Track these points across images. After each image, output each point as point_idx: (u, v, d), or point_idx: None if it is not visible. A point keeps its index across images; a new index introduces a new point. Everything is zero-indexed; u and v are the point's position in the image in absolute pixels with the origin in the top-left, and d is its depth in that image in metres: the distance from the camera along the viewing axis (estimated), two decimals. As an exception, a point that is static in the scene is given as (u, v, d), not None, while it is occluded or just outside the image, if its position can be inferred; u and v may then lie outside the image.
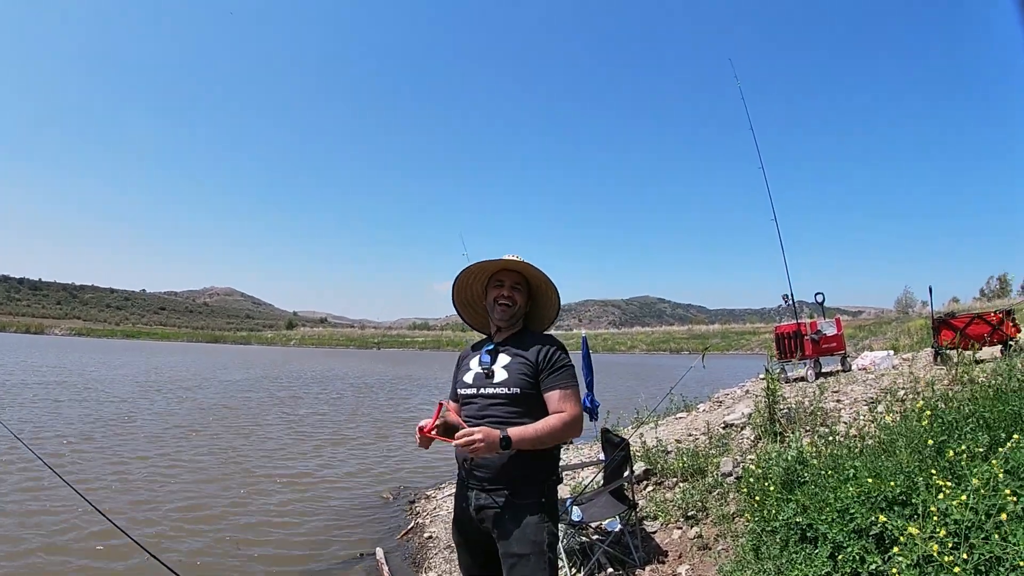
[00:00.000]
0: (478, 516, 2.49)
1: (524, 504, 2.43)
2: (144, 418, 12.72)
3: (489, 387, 2.55)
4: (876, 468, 3.72)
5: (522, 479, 2.45)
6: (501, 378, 2.55)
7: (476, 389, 2.59)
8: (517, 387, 2.50)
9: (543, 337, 2.68)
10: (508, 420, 2.46)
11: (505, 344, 2.66)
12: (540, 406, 2.53)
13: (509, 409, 2.49)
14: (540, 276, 2.68)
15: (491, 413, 2.51)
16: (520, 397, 2.50)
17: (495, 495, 2.46)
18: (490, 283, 2.73)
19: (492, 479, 2.47)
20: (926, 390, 5.78)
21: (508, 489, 2.45)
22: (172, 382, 20.77)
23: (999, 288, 56.26)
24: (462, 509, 2.59)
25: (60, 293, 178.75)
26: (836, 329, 9.39)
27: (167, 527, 6.25)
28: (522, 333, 2.71)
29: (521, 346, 2.61)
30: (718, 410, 8.32)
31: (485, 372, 2.59)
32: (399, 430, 12.88)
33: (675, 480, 5.74)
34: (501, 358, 2.61)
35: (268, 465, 9.12)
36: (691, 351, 63.32)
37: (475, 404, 2.58)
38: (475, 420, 2.52)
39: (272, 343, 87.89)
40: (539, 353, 2.56)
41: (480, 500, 2.49)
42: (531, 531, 2.39)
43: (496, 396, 2.52)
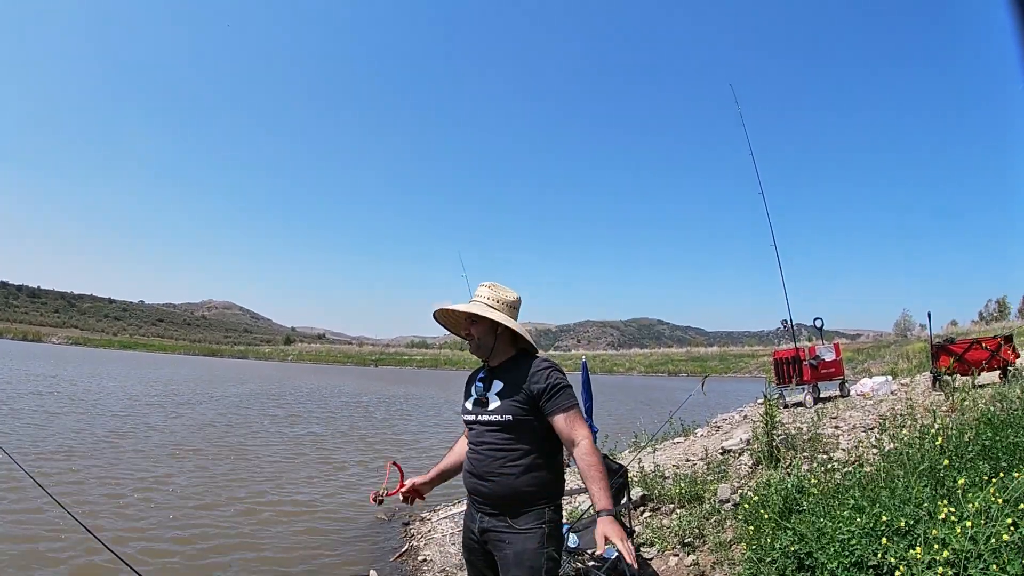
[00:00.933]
0: (482, 538, 2.57)
1: (524, 530, 2.46)
2: (137, 434, 12.58)
3: (484, 414, 2.60)
4: (875, 497, 3.70)
5: (523, 505, 2.49)
6: (495, 405, 2.58)
7: (475, 415, 2.65)
8: (509, 414, 2.53)
9: (537, 361, 2.67)
10: (503, 446, 2.52)
11: (499, 370, 2.69)
12: (533, 431, 2.54)
13: (503, 435, 2.54)
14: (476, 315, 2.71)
15: (487, 439, 2.57)
16: (513, 424, 2.53)
17: (497, 519, 2.52)
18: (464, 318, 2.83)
19: (494, 504, 2.53)
20: (925, 416, 5.76)
21: (509, 514, 2.50)
22: (167, 396, 20.65)
23: (997, 311, 56.45)
24: (469, 528, 2.68)
25: (58, 301, 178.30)
26: (835, 354, 9.40)
27: (157, 547, 6.17)
28: (517, 358, 2.72)
29: (515, 372, 2.63)
30: (716, 435, 8.30)
31: (480, 399, 2.65)
32: (394, 450, 12.82)
33: (672, 506, 5.71)
34: (495, 384, 2.64)
35: (261, 484, 9.03)
36: (689, 374, 63.31)
37: (474, 430, 2.66)
38: (474, 446, 2.62)
39: (269, 358, 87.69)
40: (533, 378, 2.56)
41: (484, 523, 2.56)
42: (530, 557, 2.41)
43: (491, 423, 2.57)
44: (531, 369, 2.61)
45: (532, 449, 2.53)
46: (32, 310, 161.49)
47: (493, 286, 2.80)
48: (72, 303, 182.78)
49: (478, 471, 2.57)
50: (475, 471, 2.59)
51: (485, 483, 2.53)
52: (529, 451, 2.52)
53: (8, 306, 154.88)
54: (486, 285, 2.81)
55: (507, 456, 2.51)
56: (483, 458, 2.56)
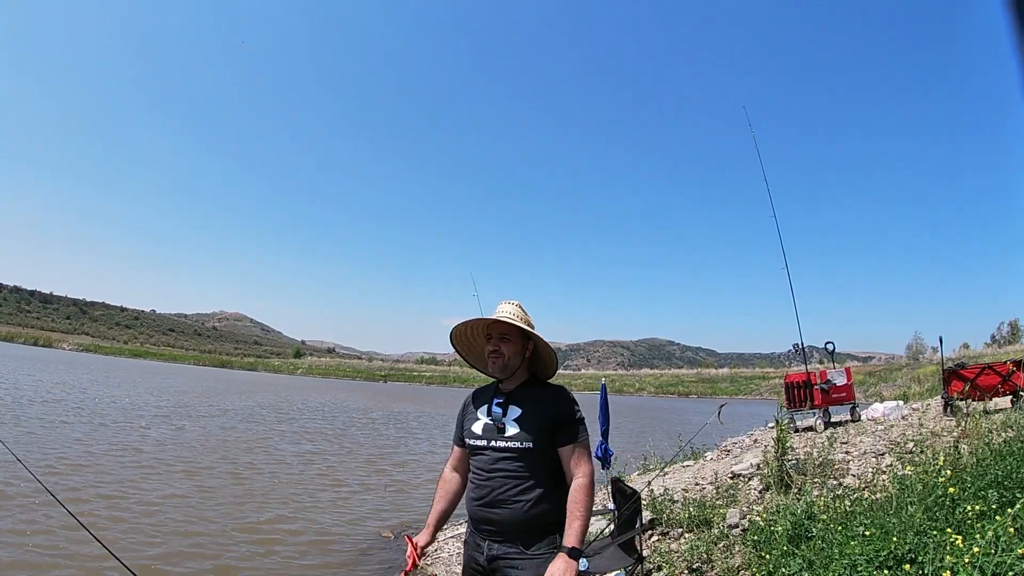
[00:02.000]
0: (491, 566, 2.47)
1: (536, 555, 2.41)
2: (141, 447, 12.58)
3: (500, 440, 2.51)
4: (884, 524, 3.68)
5: (535, 531, 2.43)
6: (512, 432, 2.50)
7: (487, 441, 2.54)
8: (529, 442, 2.46)
9: (554, 388, 2.64)
10: (518, 474, 2.45)
11: (515, 395, 2.60)
12: (549, 459, 2.50)
13: (519, 463, 2.46)
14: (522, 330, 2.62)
15: (501, 467, 2.48)
16: (531, 452, 2.46)
17: (508, 546, 2.44)
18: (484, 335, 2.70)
19: (505, 532, 2.45)
20: (936, 443, 5.73)
21: (521, 541, 2.43)
22: (175, 408, 20.67)
23: (1010, 334, 55.80)
24: (472, 557, 2.56)
25: (70, 308, 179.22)
26: (846, 379, 9.36)
27: (161, 564, 6.15)
28: (531, 383, 2.66)
29: (532, 398, 2.57)
30: (726, 459, 8.26)
31: (496, 425, 2.54)
32: (401, 469, 12.83)
33: (681, 531, 5.67)
34: (512, 410, 2.55)
35: (267, 501, 9.02)
36: (700, 395, 62.97)
37: (485, 456, 2.54)
38: (485, 472, 2.51)
39: (279, 371, 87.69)
40: (551, 407, 2.53)
41: (493, 551, 2.46)
42: None
43: (508, 450, 2.48)
44: (552, 397, 2.57)
45: (546, 476, 2.48)
46: (44, 316, 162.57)
47: (518, 304, 2.71)
48: (84, 310, 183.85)
49: (489, 500, 2.48)
50: (485, 500, 2.49)
51: (498, 511, 2.44)
52: (544, 479, 2.47)
53: (20, 311, 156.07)
54: (512, 303, 2.70)
55: (522, 484, 2.44)
56: (496, 486, 2.47)
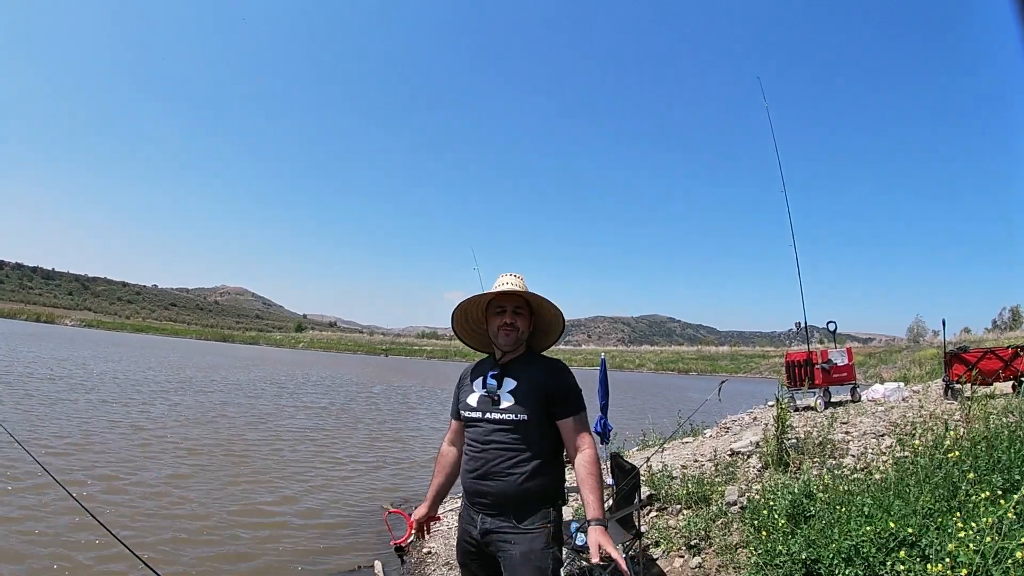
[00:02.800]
0: (484, 540, 2.47)
1: (530, 529, 2.40)
2: (143, 423, 12.69)
3: (495, 412, 2.50)
4: (886, 506, 3.67)
5: (528, 505, 2.42)
6: (508, 403, 2.49)
7: (481, 413, 2.53)
8: (524, 413, 2.46)
9: (550, 361, 2.64)
10: (512, 446, 2.44)
11: (510, 367, 2.59)
12: (544, 432, 2.50)
13: (514, 435, 2.46)
14: (540, 299, 2.62)
15: (496, 439, 2.47)
16: (526, 423, 2.46)
17: (501, 520, 2.43)
18: (489, 308, 2.66)
19: (499, 504, 2.44)
20: (937, 426, 5.71)
21: (514, 515, 2.42)
22: (177, 383, 20.78)
23: (1011, 319, 55.78)
24: (466, 530, 2.56)
25: (72, 284, 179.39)
26: (847, 359, 9.32)
27: (159, 536, 6.17)
28: (527, 355, 2.65)
29: (528, 370, 2.57)
30: (725, 436, 8.25)
31: (491, 397, 2.53)
32: (399, 443, 12.87)
33: (679, 507, 5.68)
34: (507, 382, 2.55)
35: (267, 475, 9.06)
36: (700, 372, 63.11)
37: (480, 428, 2.53)
38: (479, 444, 2.51)
39: (281, 345, 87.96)
40: (550, 379, 2.53)
41: (486, 524, 2.46)
42: (536, 557, 2.35)
43: (502, 422, 2.48)
44: (549, 370, 2.57)
45: (541, 449, 2.48)
46: (46, 292, 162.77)
47: (519, 276, 2.69)
48: (86, 285, 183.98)
49: (483, 471, 2.47)
50: (479, 471, 2.48)
51: (491, 483, 2.44)
52: (538, 451, 2.46)
53: (23, 287, 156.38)
54: (514, 275, 2.68)
55: (516, 456, 2.43)
56: (490, 458, 2.46)
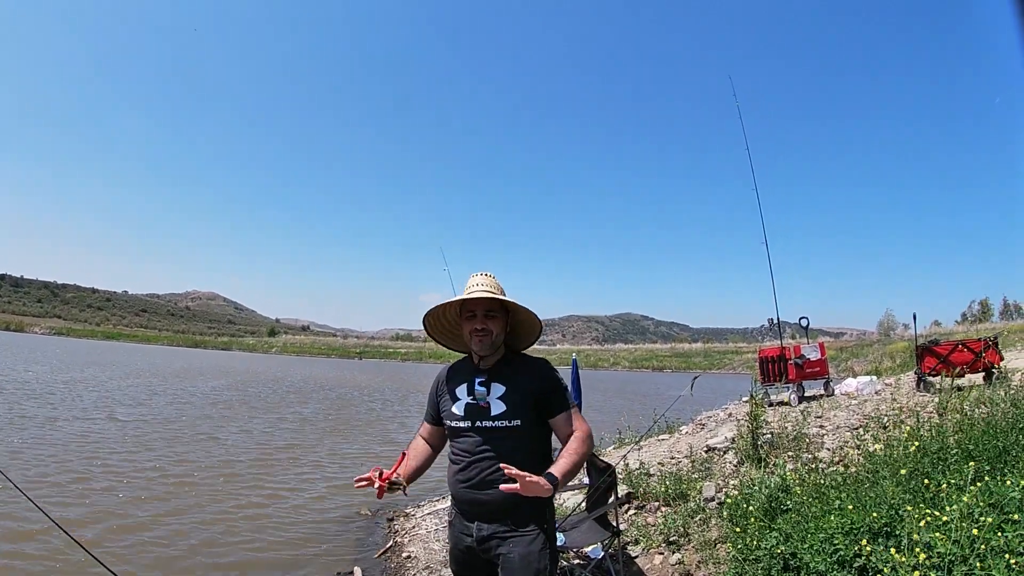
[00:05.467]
0: (481, 547, 2.43)
1: (527, 532, 2.39)
2: (111, 428, 12.47)
3: (486, 420, 2.44)
4: (860, 498, 3.71)
5: (525, 508, 2.39)
6: (499, 410, 2.43)
7: (471, 422, 2.47)
8: (517, 419, 2.42)
9: (533, 361, 2.60)
10: (505, 454, 2.36)
11: (496, 372, 2.52)
12: (535, 435, 2.48)
13: (507, 443, 2.41)
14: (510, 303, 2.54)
15: (488, 448, 2.42)
16: (519, 429, 2.42)
17: (499, 524, 2.40)
18: (462, 312, 2.57)
19: (496, 510, 2.40)
20: (910, 419, 5.79)
21: (512, 519, 2.39)
22: (147, 389, 20.48)
23: (980, 313, 56.95)
24: (460, 539, 2.51)
25: (41, 291, 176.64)
26: (820, 354, 9.42)
27: (128, 545, 6.05)
28: (508, 358, 2.59)
29: (513, 373, 2.51)
30: (701, 433, 8.30)
31: (480, 405, 2.46)
32: (377, 446, 12.76)
33: (657, 504, 5.70)
34: (495, 388, 2.48)
35: (240, 482, 8.91)
36: (674, 369, 63.44)
37: (470, 438, 2.46)
38: (469, 455, 2.45)
39: (253, 350, 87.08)
40: (536, 381, 2.49)
41: (483, 531, 2.42)
42: (535, 558, 2.35)
43: (494, 431, 2.43)
44: (535, 371, 2.53)
45: (533, 453, 2.45)
46: (15, 300, 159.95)
47: (491, 275, 2.60)
48: (55, 293, 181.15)
49: (477, 481, 2.41)
50: (473, 481, 2.42)
51: (488, 492, 2.37)
52: (531, 456, 2.42)
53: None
54: (485, 274, 2.59)
55: (510, 462, 2.30)
56: (484, 467, 2.40)
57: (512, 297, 2.59)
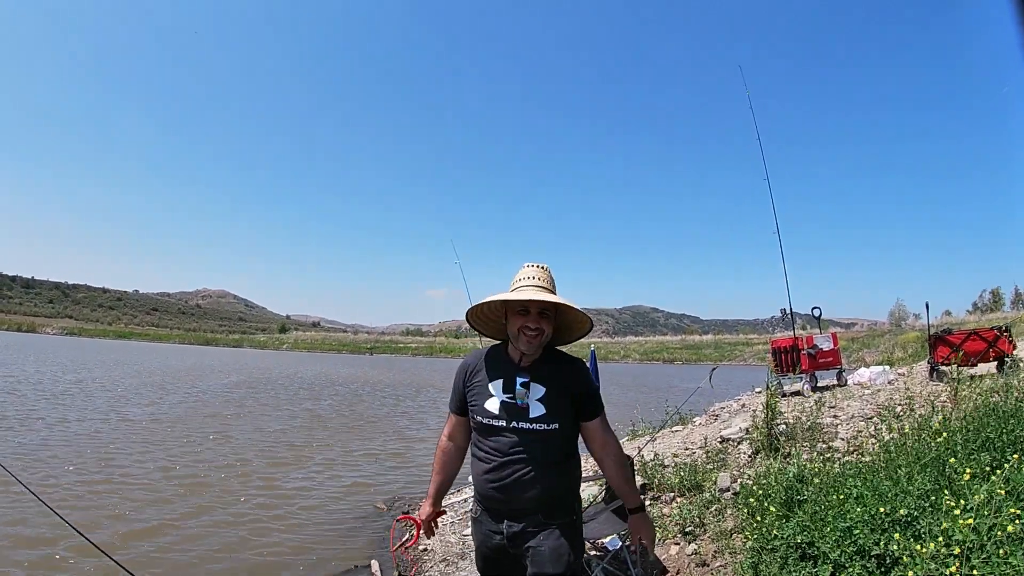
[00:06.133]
0: (512, 544, 2.40)
1: (557, 525, 2.38)
2: (123, 428, 12.58)
3: (524, 422, 2.36)
4: (878, 488, 3.71)
5: (554, 502, 2.39)
6: (538, 412, 2.36)
7: (506, 422, 2.38)
8: (556, 423, 2.37)
9: (571, 361, 2.52)
10: (540, 456, 2.35)
11: (536, 372, 2.43)
12: (569, 436, 2.45)
13: (543, 446, 2.37)
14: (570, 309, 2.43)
15: (523, 449, 2.36)
16: (556, 432, 2.37)
17: (529, 520, 2.37)
18: (511, 304, 2.43)
19: (526, 507, 2.37)
20: (924, 407, 5.78)
21: (542, 513, 2.37)
22: (159, 388, 20.59)
23: (992, 302, 56.52)
24: (489, 537, 2.46)
25: (53, 292, 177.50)
26: (832, 344, 9.42)
27: (150, 539, 6.13)
28: (548, 355, 2.49)
29: (552, 374, 2.43)
30: (714, 424, 8.31)
31: (518, 404, 2.38)
32: (392, 441, 12.82)
33: (672, 495, 5.71)
34: (535, 389, 2.39)
35: (258, 477, 8.99)
36: (684, 361, 63.31)
37: (505, 438, 2.39)
38: (502, 455, 2.38)
39: (264, 346, 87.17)
40: (575, 384, 2.44)
41: (513, 528, 2.39)
42: (565, 551, 2.34)
43: (532, 432, 2.36)
44: (574, 373, 2.46)
45: (566, 454, 2.44)
46: (26, 301, 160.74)
47: (546, 268, 2.52)
48: (66, 293, 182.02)
49: (510, 482, 2.35)
50: (505, 482, 2.36)
51: (519, 494, 2.34)
52: (562, 456, 2.42)
53: (2, 297, 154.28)
54: (540, 266, 2.50)
55: (544, 465, 2.34)
56: (518, 468, 2.34)
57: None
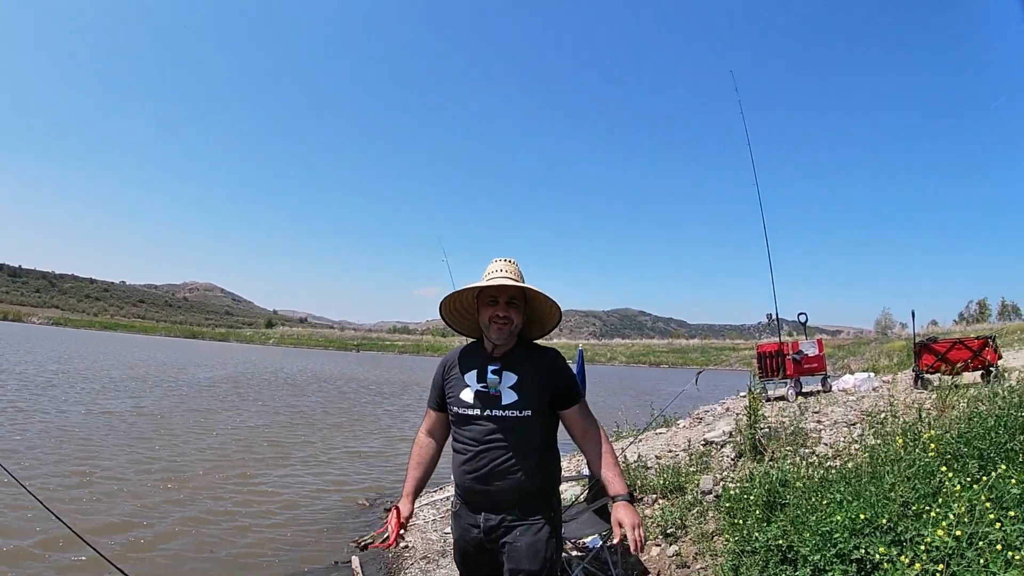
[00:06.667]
0: (488, 538, 2.39)
1: (535, 521, 2.37)
2: (112, 413, 12.50)
3: (497, 409, 2.38)
4: (860, 492, 3.71)
5: (531, 494, 2.38)
6: (511, 399, 2.38)
7: (480, 410, 2.40)
8: (529, 409, 2.38)
9: (545, 351, 2.55)
10: (515, 444, 2.36)
11: (508, 360, 2.46)
12: (545, 425, 2.45)
13: (518, 433, 2.37)
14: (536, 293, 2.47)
15: (498, 437, 2.37)
16: (529, 419, 2.38)
17: (507, 514, 2.37)
18: (481, 297, 2.48)
19: (504, 500, 2.37)
20: (909, 414, 5.79)
21: (520, 507, 2.37)
22: (144, 378, 20.47)
23: (978, 313, 57.00)
24: (467, 531, 2.46)
25: (39, 281, 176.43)
26: (818, 350, 9.44)
27: (129, 536, 6.01)
28: (521, 346, 2.53)
29: (525, 363, 2.46)
30: (698, 427, 8.31)
31: (491, 393, 2.40)
32: (374, 437, 12.76)
33: (654, 496, 5.70)
34: (507, 377, 2.42)
35: (238, 472, 8.89)
36: (671, 365, 63.48)
37: (480, 427, 2.40)
38: (478, 444, 2.39)
39: (251, 341, 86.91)
40: (550, 371, 2.46)
41: (491, 522, 2.38)
42: (542, 547, 2.33)
43: (505, 420, 2.37)
44: (548, 362, 2.49)
45: (542, 443, 2.43)
46: (13, 290, 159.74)
47: (514, 262, 2.54)
48: (53, 283, 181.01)
49: (486, 471, 2.36)
50: (481, 472, 2.37)
51: (496, 483, 2.34)
52: (540, 445, 2.42)
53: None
54: (508, 260, 2.53)
55: (520, 453, 2.35)
56: (493, 457, 2.35)
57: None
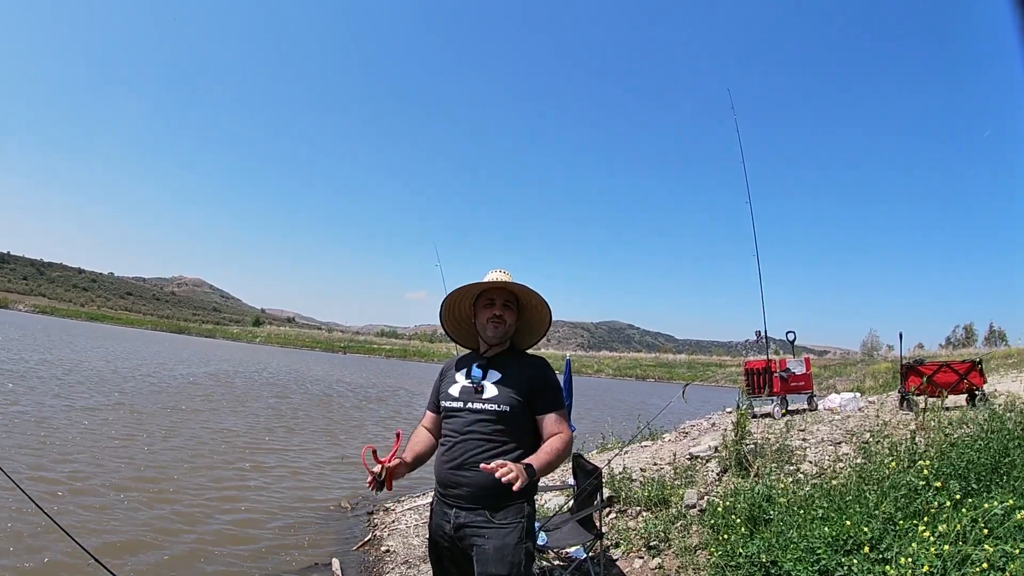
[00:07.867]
0: (457, 534, 2.45)
1: (504, 523, 2.40)
2: (90, 409, 12.40)
3: (477, 402, 2.51)
4: (845, 510, 3.73)
5: (503, 499, 2.40)
6: (491, 394, 2.51)
7: (463, 403, 2.54)
8: (507, 405, 2.48)
9: (533, 358, 2.70)
10: (491, 437, 2.46)
11: (496, 360, 2.63)
12: (524, 426, 2.53)
13: (495, 427, 2.47)
14: (532, 294, 2.66)
15: (476, 429, 2.48)
16: (507, 415, 2.47)
17: (475, 513, 2.43)
18: (479, 301, 2.69)
19: (473, 497, 2.44)
20: (893, 434, 5.82)
21: (489, 508, 2.42)
22: (128, 372, 20.31)
23: (964, 337, 57.35)
24: (440, 526, 2.54)
25: (27, 268, 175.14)
26: (805, 368, 9.47)
27: (103, 540, 5.79)
28: (511, 351, 2.71)
29: (512, 365, 2.61)
30: (684, 441, 8.32)
31: (475, 387, 2.55)
32: (357, 441, 12.67)
33: (638, 509, 5.70)
34: (492, 373, 2.58)
35: (219, 472, 8.79)
36: (657, 379, 63.53)
37: (460, 419, 2.53)
38: (458, 435, 2.51)
39: (238, 339, 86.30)
40: (532, 375, 2.58)
41: (460, 518, 2.45)
42: (510, 552, 2.35)
43: (484, 412, 2.49)
44: (531, 364, 2.63)
45: (519, 443, 2.49)
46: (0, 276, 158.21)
47: (508, 273, 2.73)
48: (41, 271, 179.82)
49: (460, 461, 2.46)
50: (455, 462, 2.48)
51: (468, 474, 2.43)
52: (516, 445, 2.48)
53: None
54: (503, 271, 2.72)
55: (495, 447, 2.44)
56: (468, 447, 2.46)
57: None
